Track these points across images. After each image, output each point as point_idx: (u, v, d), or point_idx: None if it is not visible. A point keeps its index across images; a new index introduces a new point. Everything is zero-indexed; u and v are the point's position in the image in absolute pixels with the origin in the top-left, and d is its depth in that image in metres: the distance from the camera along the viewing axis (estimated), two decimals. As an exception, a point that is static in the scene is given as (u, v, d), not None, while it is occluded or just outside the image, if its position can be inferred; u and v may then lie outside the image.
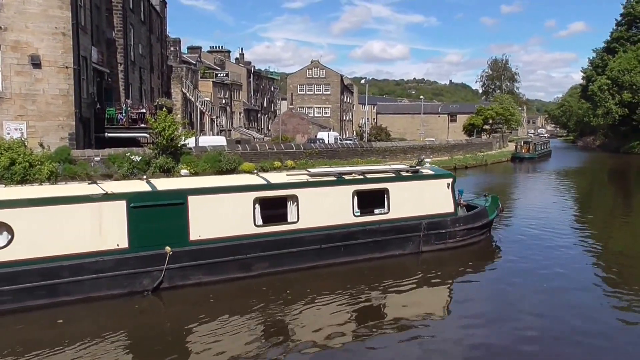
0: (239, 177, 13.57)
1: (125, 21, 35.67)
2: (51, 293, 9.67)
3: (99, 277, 10.02)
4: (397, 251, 13.36)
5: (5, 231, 9.61)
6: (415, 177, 14.14)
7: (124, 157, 25.36)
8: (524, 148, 57.20)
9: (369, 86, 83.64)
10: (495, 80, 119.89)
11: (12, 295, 9.38)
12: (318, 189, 12.58)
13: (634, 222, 21.29)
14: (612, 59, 71.85)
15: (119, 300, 10.05)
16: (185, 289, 10.63)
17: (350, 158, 36.89)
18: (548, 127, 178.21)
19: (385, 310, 10.35)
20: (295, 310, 9.93)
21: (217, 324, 9.08)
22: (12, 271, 9.40)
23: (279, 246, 11.74)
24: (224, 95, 66.71)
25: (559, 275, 12.44)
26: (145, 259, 10.42)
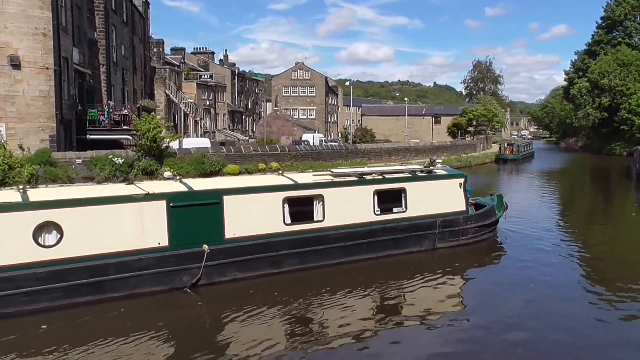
0: (267, 178, 13.88)
1: (107, 22, 35.25)
2: (98, 290, 10.02)
3: (142, 274, 10.40)
4: (415, 248, 13.89)
5: (54, 230, 9.89)
6: (430, 177, 14.71)
7: (106, 160, 25.02)
8: (507, 149, 57.64)
9: (354, 88, 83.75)
10: (479, 82, 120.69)
11: (63, 292, 9.71)
12: (342, 188, 13.05)
13: (613, 220, 21.96)
14: (593, 62, 72.79)
15: (160, 296, 10.42)
16: (222, 285, 11.05)
17: (335, 160, 36.84)
18: (531, 128, 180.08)
19: (406, 306, 10.73)
20: (323, 305, 10.35)
21: (251, 319, 9.52)
22: (62, 269, 9.72)
23: (307, 244, 12.19)
24: (208, 97, 66.31)
25: (565, 271, 13.24)
26: (185, 257, 10.80)
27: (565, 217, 22.64)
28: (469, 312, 10.38)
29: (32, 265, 9.53)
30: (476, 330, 9.31)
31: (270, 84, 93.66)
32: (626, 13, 76.45)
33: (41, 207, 9.90)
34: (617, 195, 32.35)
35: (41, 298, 9.59)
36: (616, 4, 77.91)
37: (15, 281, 9.38)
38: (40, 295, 9.57)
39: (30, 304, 9.50)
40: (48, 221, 9.83)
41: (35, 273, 9.54)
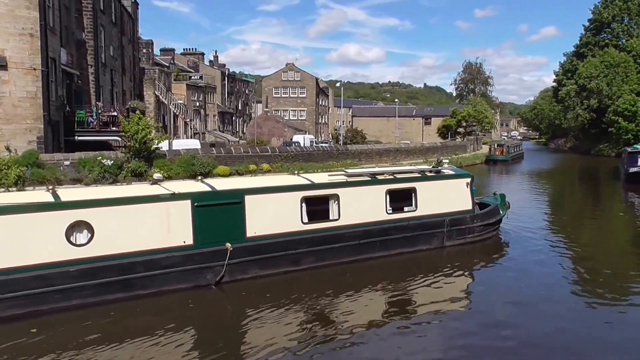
0: (285, 178, 14.16)
1: (95, 22, 34.96)
2: (128, 287, 10.31)
3: (168, 272, 10.69)
4: (424, 246, 14.29)
5: (85, 229, 10.17)
6: (439, 177, 15.10)
7: (95, 161, 24.78)
8: (497, 150, 57.88)
9: (345, 89, 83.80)
10: (469, 83, 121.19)
11: (94, 290, 10.01)
12: (356, 188, 13.42)
13: (603, 219, 22.30)
14: (580, 64, 73.31)
15: (186, 293, 10.73)
16: (244, 283, 11.38)
17: (326, 161, 36.77)
18: (521, 129, 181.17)
19: (419, 303, 11.05)
20: (339, 302, 10.78)
21: (272, 315, 9.88)
22: (93, 267, 10.01)
23: (323, 242, 12.55)
24: (197, 98, 65.99)
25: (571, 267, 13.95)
26: (209, 255, 11.12)
27: (557, 216, 22.86)
28: (476, 309, 10.69)
29: (65, 264, 9.80)
30: (482, 327, 9.60)
31: (261, 85, 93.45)
32: (614, 15, 77.09)
33: (73, 207, 10.17)
34: (605, 195, 32.60)
35: (73, 296, 9.86)
36: (604, 6, 78.54)
37: (49, 279, 9.62)
38: (73, 293, 9.84)
39: (63, 302, 9.75)
40: (80, 220, 10.11)
41: (68, 271, 9.81)
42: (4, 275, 9.33)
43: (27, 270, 9.50)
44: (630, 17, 76.92)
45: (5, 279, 9.31)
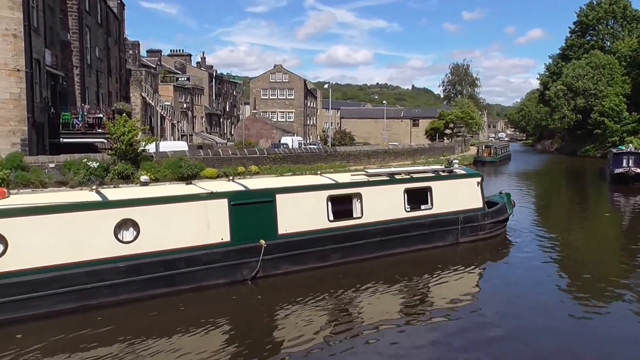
0: (311, 178, 14.60)
1: (80, 23, 34.59)
2: (171, 283, 10.73)
3: (208, 267, 11.11)
4: (440, 242, 14.83)
5: (131, 227, 10.55)
6: (452, 177, 15.68)
7: (81, 164, 24.53)
8: (485, 152, 58.15)
9: (333, 91, 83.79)
10: (456, 85, 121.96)
11: (140, 285, 10.38)
12: (377, 187, 13.98)
13: (589, 220, 22.54)
14: (566, 66, 74.00)
15: (224, 288, 11.19)
16: (276, 278, 11.86)
17: (314, 163, 36.66)
18: (508, 131, 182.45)
19: (437, 297, 11.51)
20: (364, 296, 11.25)
21: (303, 309, 10.35)
22: (139, 263, 10.40)
23: (348, 239, 13.00)
24: (185, 100, 65.63)
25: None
26: (245, 251, 11.56)
27: (545, 217, 23.00)
28: (487, 305, 11.02)
29: (114, 260, 10.21)
30: (492, 323, 9.94)
31: (249, 87, 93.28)
32: (599, 18, 78.01)
33: (120, 206, 10.58)
34: (592, 196, 32.85)
35: (121, 291, 10.23)
36: (589, 8, 79.42)
37: (99, 275, 10.02)
38: (121, 288, 10.23)
39: (112, 297, 10.13)
40: (126, 219, 10.50)
41: (117, 267, 10.21)
42: (58, 271, 9.69)
43: (79, 266, 9.90)
44: (615, 20, 77.84)
45: (59, 274, 9.68)
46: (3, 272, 9.27)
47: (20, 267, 9.42)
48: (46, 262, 9.62)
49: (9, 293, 9.26)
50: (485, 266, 14.04)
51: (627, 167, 32.74)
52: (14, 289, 9.31)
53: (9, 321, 9.17)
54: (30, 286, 9.43)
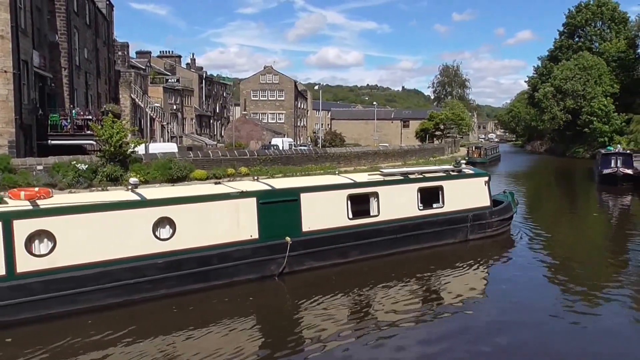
0: (330, 178, 15.11)
1: (69, 24, 34.34)
2: (205, 278, 11.14)
3: (238, 263, 11.58)
4: (451, 240, 15.33)
5: (168, 225, 10.96)
6: (461, 176, 16.22)
7: (69, 166, 24.35)
8: (475, 153, 58.38)
9: (323, 92, 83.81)
10: (446, 86, 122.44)
11: (177, 280, 10.82)
12: (392, 186, 14.48)
13: (577, 219, 22.80)
14: (555, 67, 74.49)
15: (254, 283, 11.68)
16: (301, 274, 12.34)
17: (305, 164, 36.64)
18: (498, 132, 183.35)
19: (449, 293, 11.91)
20: (382, 292, 11.69)
21: (327, 303, 10.82)
22: (176, 259, 10.82)
23: (366, 236, 13.49)
24: (174, 101, 65.37)
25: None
26: (272, 248, 12.02)
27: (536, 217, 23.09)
28: (495, 301, 11.45)
29: (153, 257, 10.63)
30: (499, 321, 10.27)
31: (239, 88, 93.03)
32: (587, 19, 78.57)
33: (158, 204, 11.00)
34: (581, 196, 33.06)
35: (159, 286, 10.65)
36: (577, 10, 79.99)
37: (139, 271, 10.44)
38: (160, 283, 10.66)
39: (151, 292, 10.55)
40: (164, 217, 10.93)
41: (156, 263, 10.63)
42: (103, 267, 10.10)
43: (122, 262, 10.30)
44: (603, 22, 78.49)
45: (104, 270, 10.10)
46: (53, 268, 9.66)
47: (68, 263, 9.82)
48: (92, 259, 10.05)
49: (59, 288, 9.65)
50: (494, 263, 14.59)
51: (615, 167, 32.97)
52: (63, 284, 9.71)
53: (59, 315, 9.57)
54: (78, 281, 9.85)
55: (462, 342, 9.04)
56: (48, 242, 9.74)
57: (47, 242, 9.74)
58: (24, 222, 9.52)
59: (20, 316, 9.29)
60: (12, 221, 9.37)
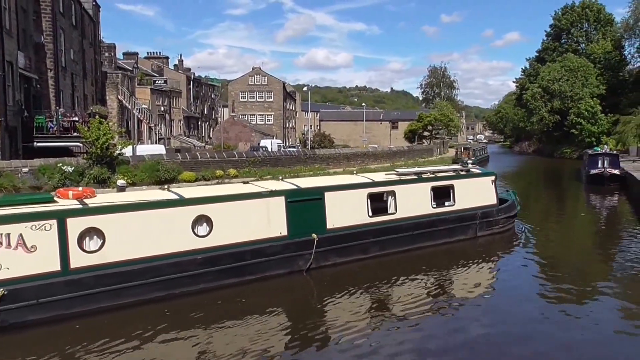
0: (350, 177, 15.51)
1: (54, 25, 33.98)
2: (239, 273, 11.72)
3: (270, 259, 12.10)
4: (462, 236, 15.99)
5: (205, 222, 11.47)
6: (470, 175, 16.87)
7: (55, 168, 24.08)
8: (463, 154, 58.58)
9: (312, 93, 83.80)
10: (434, 87, 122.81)
11: (214, 275, 11.32)
12: (408, 185, 15.08)
13: (566, 219, 23.06)
14: (542, 68, 75.00)
15: (284, 278, 12.25)
16: (326, 269, 12.93)
17: (294, 165, 36.50)
18: (486, 133, 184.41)
19: (462, 287, 12.51)
20: (400, 286, 12.24)
21: (351, 297, 11.38)
22: (213, 255, 11.33)
23: (385, 233, 14.09)
24: (162, 103, 64.92)
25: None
26: (300, 244, 12.54)
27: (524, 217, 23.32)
28: (504, 294, 12.06)
29: (192, 253, 11.13)
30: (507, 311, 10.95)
31: (227, 89, 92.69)
32: (572, 21, 79.20)
33: (196, 203, 11.52)
34: (569, 196, 33.23)
35: (199, 280, 11.15)
36: (563, 12, 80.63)
37: (181, 266, 10.94)
38: (199, 278, 11.15)
39: (191, 286, 11.04)
40: (202, 214, 11.43)
41: (195, 259, 11.13)
42: (148, 263, 10.59)
43: (165, 258, 10.79)
44: (588, 23, 79.17)
45: (149, 265, 10.59)
46: (102, 263, 10.15)
47: (116, 259, 10.30)
48: (137, 255, 10.53)
49: (108, 283, 10.14)
50: (502, 259, 15.17)
51: (602, 168, 33.19)
52: (112, 279, 10.19)
53: (108, 308, 10.03)
54: (126, 276, 10.31)
55: (477, 327, 9.79)
56: (97, 239, 10.25)
57: (97, 239, 10.25)
58: (76, 220, 10.03)
59: (74, 310, 9.73)
60: (66, 219, 9.86)
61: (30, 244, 9.44)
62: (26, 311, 9.31)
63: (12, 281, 9.22)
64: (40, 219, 9.60)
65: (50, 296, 9.54)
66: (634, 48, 69.30)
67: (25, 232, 9.42)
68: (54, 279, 9.62)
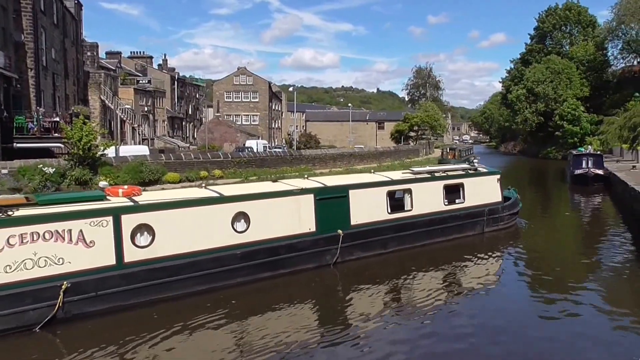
0: (370, 176, 16.12)
1: (35, 23, 33.36)
2: (274, 267, 12.20)
3: (300, 254, 12.67)
4: (470, 232, 16.75)
5: (243, 219, 11.97)
6: (477, 174, 17.66)
7: (36, 169, 23.60)
8: (449, 154, 58.64)
9: (298, 94, 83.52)
10: (420, 88, 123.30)
11: (251, 269, 11.83)
12: (422, 183, 15.73)
13: (550, 217, 23.18)
14: (526, 70, 75.51)
15: (313, 272, 12.83)
16: (351, 263, 13.53)
17: (280, 166, 36.26)
18: (472, 133, 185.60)
19: (472, 280, 13.23)
20: (417, 280, 12.91)
21: (374, 289, 12.09)
22: (251, 250, 11.86)
23: (402, 229, 14.70)
24: (146, 103, 64.20)
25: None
26: (327, 240, 13.14)
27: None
28: (511, 288, 12.75)
29: (232, 248, 11.66)
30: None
31: (212, 89, 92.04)
32: (555, 23, 79.85)
33: (235, 200, 12.07)
34: (553, 196, 33.43)
35: (237, 274, 11.64)
36: (546, 14, 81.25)
37: (222, 260, 11.46)
38: (237, 272, 11.64)
39: (230, 280, 11.52)
40: (240, 211, 11.95)
41: (235, 254, 11.67)
42: (192, 257, 11.08)
43: (207, 253, 11.31)
44: (572, 26, 79.88)
45: (194, 260, 11.09)
46: (152, 258, 10.67)
47: (165, 254, 10.84)
48: (184, 250, 11.03)
49: (158, 276, 10.67)
50: (508, 253, 15.88)
51: (586, 168, 33.45)
52: (161, 272, 10.72)
53: (157, 301, 10.50)
54: (173, 270, 10.84)
55: (488, 317, 10.42)
56: (148, 234, 10.76)
57: (147, 235, 10.76)
58: (129, 216, 10.55)
59: (128, 302, 10.24)
60: (120, 216, 10.40)
61: (89, 239, 9.99)
62: (87, 303, 9.83)
63: (74, 274, 9.74)
64: (98, 215, 10.15)
65: (107, 289, 10.06)
66: (617, 50, 70.18)
67: (85, 228, 9.95)
68: (110, 273, 10.16)
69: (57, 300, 9.41)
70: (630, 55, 69.27)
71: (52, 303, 9.37)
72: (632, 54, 68.48)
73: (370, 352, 8.70)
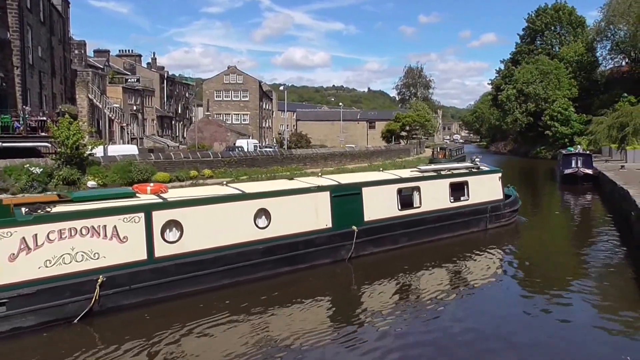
0: (381, 174, 16.51)
1: (21, 21, 32.91)
2: (293, 262, 12.60)
3: (318, 249, 13.05)
4: (474, 228, 17.20)
5: (264, 215, 12.32)
6: (480, 172, 18.12)
7: (22, 169, 23.27)
8: (440, 154, 58.76)
9: (289, 93, 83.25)
10: (411, 87, 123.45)
11: (272, 264, 12.21)
12: (430, 181, 16.16)
13: (540, 216, 23.02)
14: (516, 70, 75.77)
15: (329, 266, 13.27)
16: (364, 258, 13.96)
17: (270, 166, 36.03)
18: (463, 133, 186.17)
19: (477, 274, 13.68)
20: (430, 272, 13.35)
21: (387, 283, 12.45)
22: (272, 245, 12.23)
23: (412, 225, 15.16)
24: (135, 102, 63.65)
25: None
26: (343, 236, 13.51)
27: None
28: (519, 278, 13.25)
29: (254, 243, 12.04)
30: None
31: (202, 88, 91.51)
32: (545, 23, 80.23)
33: (257, 197, 12.42)
34: (543, 195, 33.46)
35: (259, 269, 12.02)
36: (536, 15, 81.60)
37: (245, 255, 11.84)
38: (259, 266, 12.04)
39: (253, 274, 11.93)
40: (262, 208, 12.31)
41: (257, 249, 12.03)
42: (218, 252, 11.48)
43: (232, 248, 11.67)
44: (561, 26, 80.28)
45: (220, 255, 11.48)
46: (181, 253, 11.03)
47: (192, 249, 11.19)
48: (210, 245, 11.43)
49: (186, 270, 11.01)
50: (510, 248, 16.47)
51: (576, 167, 33.52)
52: (189, 267, 11.08)
53: (185, 294, 10.87)
54: (200, 265, 11.21)
55: (497, 307, 10.96)
56: (176, 230, 11.10)
57: (175, 231, 11.10)
58: (160, 213, 10.93)
59: (158, 295, 10.59)
60: (151, 212, 10.77)
61: (123, 235, 10.34)
62: (121, 296, 10.18)
63: (108, 269, 10.07)
64: (131, 212, 10.54)
65: (140, 282, 10.41)
66: (606, 50, 70.57)
67: (119, 224, 10.31)
68: (142, 267, 10.53)
69: (93, 293, 9.75)
70: (618, 56, 69.79)
71: (89, 296, 9.73)
72: (621, 54, 68.96)
73: (382, 346, 8.95)
